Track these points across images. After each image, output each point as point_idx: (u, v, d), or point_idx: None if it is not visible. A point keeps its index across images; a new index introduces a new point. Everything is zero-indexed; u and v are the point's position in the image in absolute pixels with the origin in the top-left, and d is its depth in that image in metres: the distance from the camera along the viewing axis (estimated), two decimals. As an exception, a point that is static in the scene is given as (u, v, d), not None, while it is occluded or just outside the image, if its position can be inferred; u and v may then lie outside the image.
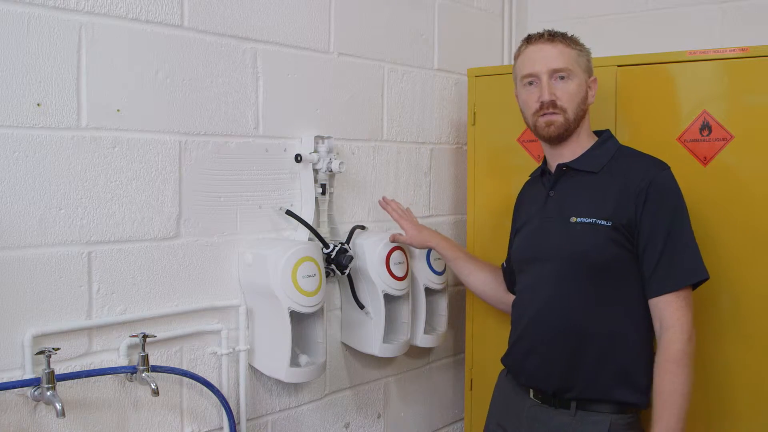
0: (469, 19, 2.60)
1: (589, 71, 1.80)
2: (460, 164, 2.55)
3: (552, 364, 1.75)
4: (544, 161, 1.90)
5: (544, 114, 1.75)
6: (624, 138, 1.99)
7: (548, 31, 1.79)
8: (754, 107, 1.88)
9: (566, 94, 1.74)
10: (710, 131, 1.92)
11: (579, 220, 1.72)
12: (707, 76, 1.95)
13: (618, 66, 2.03)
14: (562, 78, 1.75)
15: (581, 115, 1.78)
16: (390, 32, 2.28)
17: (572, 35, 1.79)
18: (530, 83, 1.79)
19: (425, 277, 2.22)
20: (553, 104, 1.74)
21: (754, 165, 1.88)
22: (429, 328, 2.28)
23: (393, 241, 2.08)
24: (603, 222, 1.69)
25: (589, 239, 1.70)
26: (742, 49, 1.88)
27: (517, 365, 1.86)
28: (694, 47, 1.98)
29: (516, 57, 1.85)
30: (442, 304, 2.32)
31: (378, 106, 2.25)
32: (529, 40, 1.81)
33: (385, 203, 2.18)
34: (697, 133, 1.94)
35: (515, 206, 2.03)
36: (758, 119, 1.87)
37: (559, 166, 1.81)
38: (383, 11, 2.25)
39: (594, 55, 1.83)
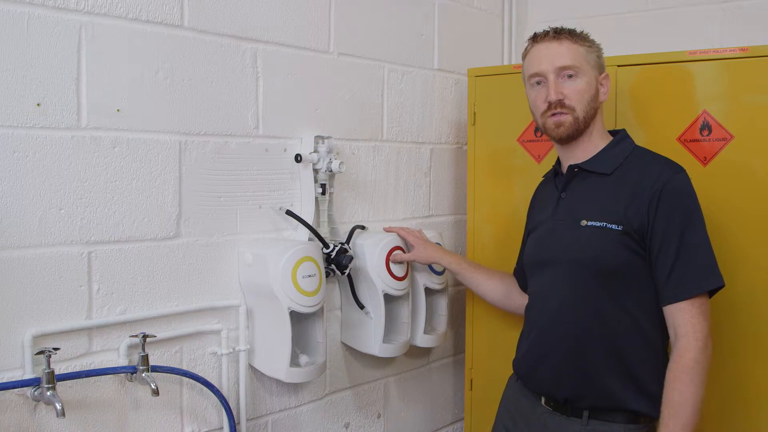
0: (469, 19, 2.60)
1: (599, 68, 1.75)
2: (460, 164, 2.55)
3: (563, 373, 1.72)
4: (558, 162, 1.86)
5: (553, 114, 1.72)
6: (624, 138, 1.99)
7: (554, 28, 1.74)
8: (754, 107, 1.88)
9: (575, 92, 1.70)
10: (710, 131, 1.92)
11: (589, 223, 1.68)
12: (707, 76, 1.94)
13: (618, 66, 2.03)
14: (570, 76, 1.70)
15: (592, 113, 1.73)
16: (390, 32, 2.28)
17: (581, 31, 1.75)
18: (538, 83, 1.75)
19: (425, 277, 2.22)
20: (560, 104, 1.70)
21: (754, 165, 1.88)
22: (429, 328, 2.28)
23: (399, 261, 2.07)
24: (614, 226, 1.65)
25: (599, 244, 1.66)
26: (742, 49, 1.88)
27: (528, 372, 1.82)
28: (694, 47, 1.98)
29: (523, 57, 1.81)
30: (442, 304, 2.32)
31: (378, 106, 2.25)
32: (535, 38, 1.77)
33: (389, 228, 2.18)
34: (697, 133, 1.94)
35: (529, 207, 2.00)
36: (758, 119, 1.87)
37: (571, 167, 1.78)
38: (383, 11, 2.25)
39: (595, 54, 1.82)
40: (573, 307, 1.71)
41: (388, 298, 2.08)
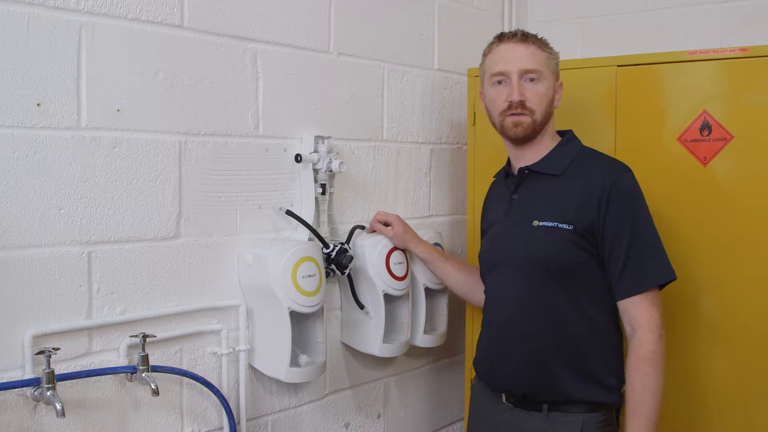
0: (469, 19, 2.60)
1: (556, 75, 1.82)
2: (460, 164, 2.54)
3: (521, 369, 1.76)
4: (508, 162, 1.91)
5: (512, 114, 1.76)
6: (624, 138, 1.99)
7: (521, 31, 1.80)
8: (754, 107, 1.88)
9: (536, 95, 1.75)
10: (710, 131, 1.92)
11: (541, 224, 1.73)
12: (707, 76, 1.95)
13: (618, 66, 2.03)
14: (532, 80, 1.76)
15: (547, 118, 1.79)
16: (390, 32, 2.28)
17: (542, 38, 1.80)
18: (499, 82, 1.79)
19: (425, 277, 2.22)
20: (522, 105, 1.75)
21: (754, 165, 1.88)
22: (429, 328, 2.28)
23: (373, 230, 2.09)
24: (565, 226, 1.69)
25: (551, 243, 1.71)
26: (742, 49, 1.88)
27: (489, 370, 1.87)
28: (694, 47, 1.98)
29: (485, 54, 1.85)
30: (442, 304, 2.32)
31: (378, 106, 2.25)
32: (501, 38, 1.81)
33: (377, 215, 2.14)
34: (697, 133, 1.94)
35: (483, 208, 2.06)
36: (758, 119, 1.87)
37: (521, 169, 1.82)
38: (383, 11, 2.25)
39: (594, 55, 1.83)
40: (527, 305, 1.75)
41: (388, 298, 2.08)
